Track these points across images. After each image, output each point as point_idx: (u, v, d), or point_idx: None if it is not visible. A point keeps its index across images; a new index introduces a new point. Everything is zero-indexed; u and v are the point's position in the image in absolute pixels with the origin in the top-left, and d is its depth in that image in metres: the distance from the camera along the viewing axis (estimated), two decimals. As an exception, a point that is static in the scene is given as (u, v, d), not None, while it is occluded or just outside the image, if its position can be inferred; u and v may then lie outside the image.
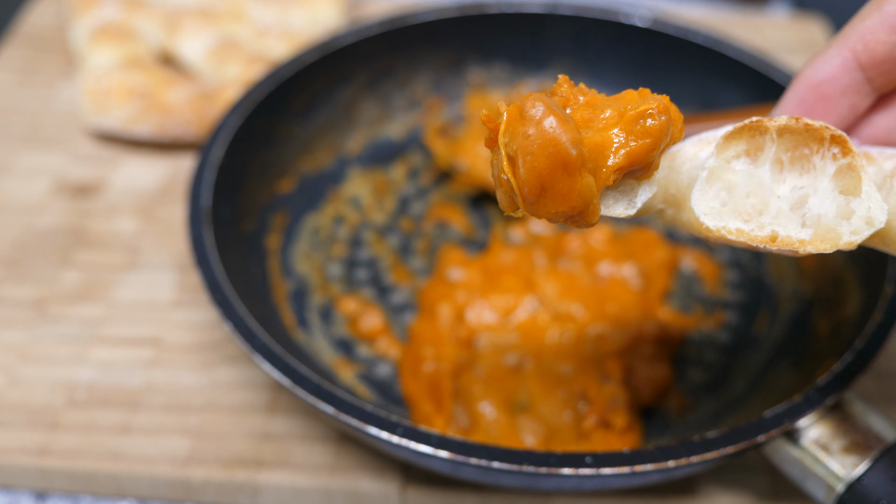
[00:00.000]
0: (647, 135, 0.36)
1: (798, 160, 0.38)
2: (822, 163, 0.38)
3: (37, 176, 0.75)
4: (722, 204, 0.38)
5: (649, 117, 0.36)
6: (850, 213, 0.37)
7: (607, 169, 0.36)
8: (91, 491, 0.57)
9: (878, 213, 0.37)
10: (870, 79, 0.42)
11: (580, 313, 0.63)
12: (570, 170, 0.35)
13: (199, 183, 0.60)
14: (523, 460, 0.46)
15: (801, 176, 0.38)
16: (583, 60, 0.78)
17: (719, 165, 0.38)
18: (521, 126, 0.35)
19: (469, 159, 0.72)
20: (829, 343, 0.57)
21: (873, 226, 0.37)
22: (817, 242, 0.37)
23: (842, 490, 0.46)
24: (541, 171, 0.35)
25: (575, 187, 0.36)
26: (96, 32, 0.80)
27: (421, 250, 0.70)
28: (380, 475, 0.55)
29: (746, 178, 0.38)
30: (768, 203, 0.38)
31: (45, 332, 0.63)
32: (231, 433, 0.57)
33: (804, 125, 0.38)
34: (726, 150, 0.38)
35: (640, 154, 0.37)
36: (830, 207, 0.37)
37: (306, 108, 0.71)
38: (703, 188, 0.38)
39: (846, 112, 0.43)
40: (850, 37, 0.42)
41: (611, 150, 0.36)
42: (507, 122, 0.36)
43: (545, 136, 0.35)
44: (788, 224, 0.38)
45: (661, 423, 0.59)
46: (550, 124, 0.35)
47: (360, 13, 0.92)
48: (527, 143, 0.35)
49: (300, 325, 0.63)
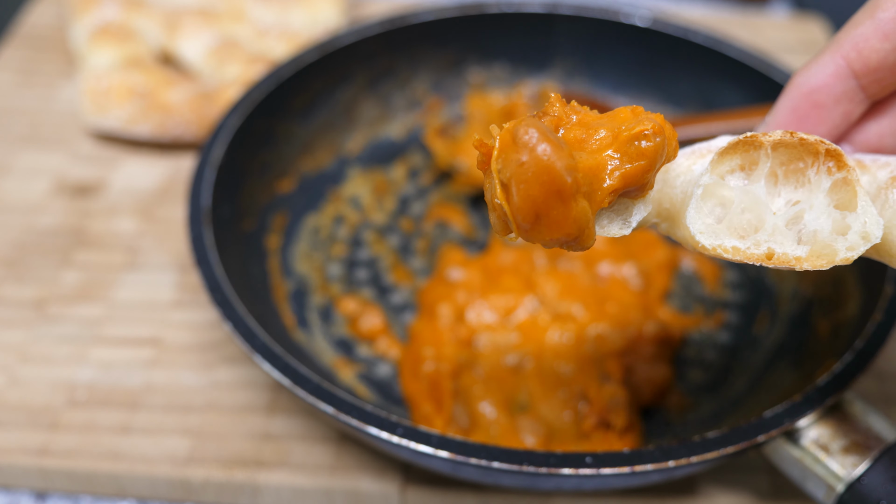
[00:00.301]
0: (642, 156, 0.36)
1: (793, 174, 0.38)
2: (816, 177, 0.37)
3: (37, 176, 0.75)
4: (717, 220, 0.38)
5: (644, 138, 0.35)
6: (846, 228, 0.37)
7: (602, 192, 0.36)
8: (91, 491, 0.57)
9: (874, 228, 0.36)
10: (863, 86, 0.42)
11: (580, 313, 0.63)
12: (565, 197, 0.34)
13: (199, 183, 0.60)
14: (523, 460, 0.46)
15: (796, 190, 0.38)
16: (583, 60, 0.78)
17: (714, 182, 0.38)
18: (514, 153, 0.34)
19: (469, 159, 0.72)
20: (829, 343, 0.57)
21: (869, 241, 0.36)
22: (813, 259, 0.37)
23: (842, 490, 0.46)
24: (535, 199, 0.34)
25: (570, 214, 0.35)
26: (96, 32, 0.80)
27: (421, 250, 0.70)
28: (380, 475, 0.55)
29: (742, 195, 0.38)
30: (764, 219, 0.37)
31: (45, 332, 0.63)
32: (231, 433, 0.57)
33: (799, 139, 0.37)
34: (721, 165, 0.38)
35: (635, 176, 0.36)
36: (826, 223, 0.37)
37: (306, 108, 0.71)
38: (698, 206, 0.37)
39: (840, 120, 0.43)
40: (843, 44, 0.41)
41: (605, 173, 0.36)
42: (500, 148, 0.35)
43: (539, 164, 0.34)
44: (784, 241, 0.37)
45: (661, 423, 0.59)
46: (544, 151, 0.34)
47: (360, 13, 0.92)
48: (521, 170, 0.34)
49: (300, 325, 0.63)
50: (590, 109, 0.37)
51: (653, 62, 0.76)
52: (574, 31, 0.77)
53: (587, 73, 0.78)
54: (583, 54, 0.78)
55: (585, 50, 0.78)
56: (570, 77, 0.79)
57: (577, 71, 0.79)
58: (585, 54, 0.78)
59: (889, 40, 0.40)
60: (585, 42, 0.77)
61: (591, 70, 0.78)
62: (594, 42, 0.77)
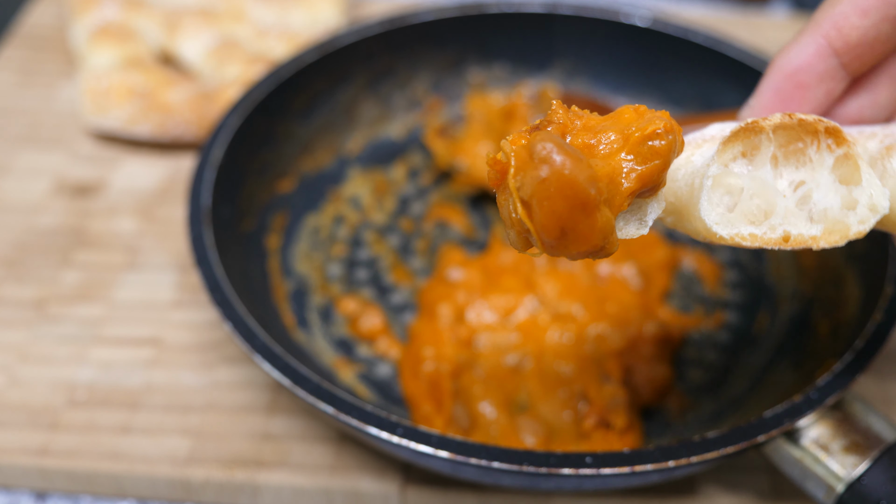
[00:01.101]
0: (656, 156, 0.35)
1: (792, 155, 0.38)
2: (818, 155, 0.38)
3: (37, 176, 0.75)
4: (728, 209, 0.38)
5: (657, 138, 0.35)
6: (854, 202, 0.38)
7: (620, 196, 0.35)
8: (91, 491, 0.57)
9: (881, 199, 0.37)
10: (844, 64, 0.43)
11: (580, 313, 0.63)
12: (590, 209, 0.34)
13: (199, 183, 0.60)
14: (523, 460, 0.46)
15: (798, 170, 0.38)
16: (583, 60, 0.78)
17: (721, 172, 0.38)
18: (533, 169, 0.33)
19: (469, 159, 0.72)
20: (829, 343, 0.57)
21: (878, 212, 0.37)
22: (828, 236, 0.38)
23: (842, 490, 0.46)
24: (560, 215, 0.33)
25: (596, 226, 0.34)
26: (96, 32, 0.80)
27: (421, 250, 0.70)
28: (380, 475, 0.55)
29: (750, 181, 0.38)
30: (774, 203, 0.38)
31: (45, 332, 0.63)
32: (231, 433, 0.57)
33: (798, 120, 0.38)
34: (724, 154, 0.38)
35: (651, 176, 0.35)
36: (835, 199, 0.38)
37: (306, 108, 0.71)
38: (709, 197, 0.37)
39: (823, 98, 0.44)
40: (822, 24, 0.42)
41: (622, 177, 0.35)
42: (518, 165, 0.34)
43: (561, 179, 0.33)
44: (798, 222, 0.38)
45: (661, 423, 0.59)
46: (564, 165, 0.33)
47: (360, 13, 0.92)
48: (542, 187, 0.33)
49: (300, 325, 0.63)
50: (590, 112, 0.37)
51: (653, 62, 0.76)
52: (574, 31, 0.77)
53: (587, 73, 0.78)
54: (583, 54, 0.78)
55: (585, 50, 0.78)
56: (570, 77, 0.79)
57: (577, 71, 0.79)
58: (585, 54, 0.78)
59: (868, 16, 0.41)
60: (585, 42, 0.77)
61: (591, 70, 0.78)
62: (594, 42, 0.77)
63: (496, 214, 0.73)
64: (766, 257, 0.68)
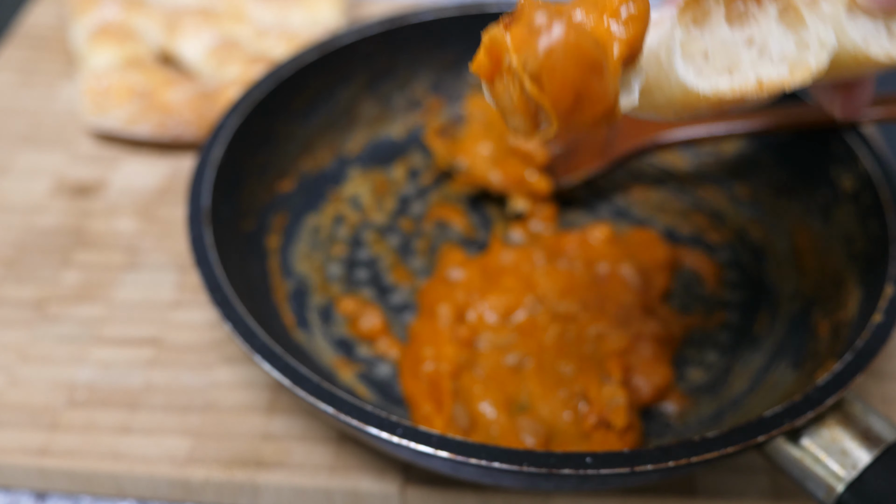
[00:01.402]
0: (636, 20, 0.36)
1: (737, 17, 0.41)
2: (761, 11, 0.41)
3: (37, 176, 0.75)
4: (698, 71, 0.39)
5: (631, 1, 0.36)
6: (806, 43, 0.41)
7: (614, 62, 0.36)
8: (91, 491, 0.57)
9: (826, 34, 0.41)
10: None
11: (580, 313, 0.63)
12: (599, 69, 0.34)
13: (199, 183, 0.60)
14: (523, 460, 0.46)
15: (744, 28, 0.41)
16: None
17: (686, 37, 0.39)
18: (535, 42, 0.34)
19: (469, 159, 0.72)
20: (829, 343, 0.57)
21: (826, 46, 0.40)
22: (794, 74, 0.40)
23: (842, 490, 0.46)
24: (574, 79, 0.34)
25: (607, 84, 0.35)
26: (96, 32, 0.80)
27: (421, 250, 0.70)
28: (380, 475, 0.55)
29: (711, 41, 0.40)
30: (739, 56, 0.40)
31: (45, 332, 0.63)
32: (231, 433, 0.57)
33: None
34: (682, 22, 0.40)
35: (636, 40, 0.36)
36: (789, 44, 0.41)
37: (306, 108, 0.71)
38: (681, 59, 0.39)
39: None
40: None
41: (613, 43, 0.36)
42: (517, 43, 0.34)
43: (567, 44, 0.34)
44: (765, 67, 0.40)
45: (661, 423, 0.59)
46: (568, 31, 0.34)
47: (360, 13, 0.92)
48: (551, 57, 0.34)
49: (300, 325, 0.63)
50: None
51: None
52: (574, 30, 0.77)
53: (587, 73, 0.78)
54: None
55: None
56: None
57: (577, 71, 0.79)
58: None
59: None
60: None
61: (591, 70, 0.78)
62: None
63: (496, 214, 0.73)
64: (766, 257, 0.68)
